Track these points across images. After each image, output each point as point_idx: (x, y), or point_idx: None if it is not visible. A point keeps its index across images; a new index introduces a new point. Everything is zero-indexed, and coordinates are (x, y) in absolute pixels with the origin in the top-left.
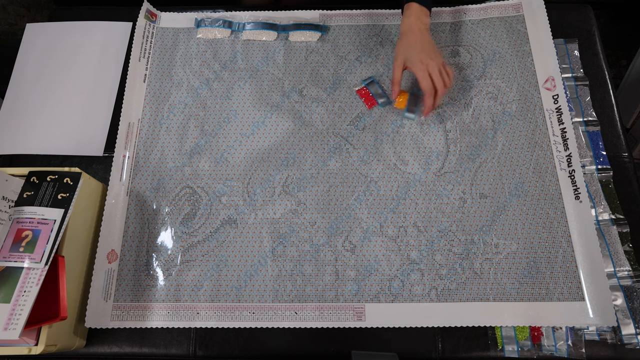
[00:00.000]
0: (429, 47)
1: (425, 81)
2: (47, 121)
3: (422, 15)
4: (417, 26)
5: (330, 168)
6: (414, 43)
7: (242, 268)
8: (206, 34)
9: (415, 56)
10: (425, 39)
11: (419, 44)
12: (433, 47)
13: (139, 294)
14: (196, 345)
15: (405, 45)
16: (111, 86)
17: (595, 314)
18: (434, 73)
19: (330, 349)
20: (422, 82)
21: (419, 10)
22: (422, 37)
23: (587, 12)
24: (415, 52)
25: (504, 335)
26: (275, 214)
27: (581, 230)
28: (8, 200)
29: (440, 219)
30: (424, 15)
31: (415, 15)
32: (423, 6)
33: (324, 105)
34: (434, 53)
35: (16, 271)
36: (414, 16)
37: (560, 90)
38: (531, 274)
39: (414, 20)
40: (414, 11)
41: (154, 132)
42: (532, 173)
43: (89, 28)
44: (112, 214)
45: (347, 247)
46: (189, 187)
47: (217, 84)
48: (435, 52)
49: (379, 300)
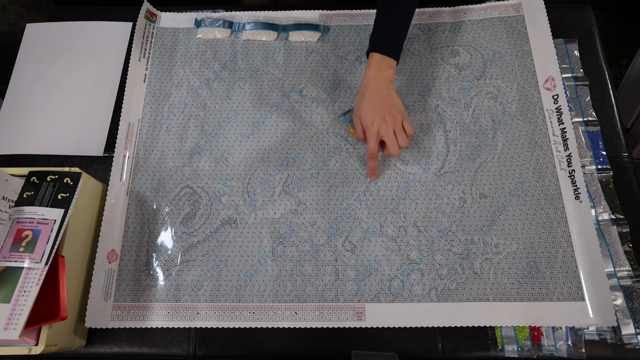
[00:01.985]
0: (386, 104)
1: (370, 145)
2: (47, 121)
3: (383, 67)
4: (376, 80)
5: (330, 168)
6: (369, 101)
7: (242, 268)
8: (206, 34)
9: (368, 117)
10: (383, 96)
11: (372, 103)
12: (391, 106)
13: (139, 294)
14: (196, 345)
15: (361, 104)
16: (111, 86)
17: (595, 314)
18: (386, 136)
19: (330, 349)
20: (368, 147)
21: (381, 61)
22: (379, 93)
23: (587, 12)
24: (369, 111)
25: (504, 335)
26: (275, 214)
27: (581, 230)
28: (8, 200)
29: (440, 219)
30: (387, 67)
31: (375, 66)
32: (387, 56)
33: (324, 105)
34: (391, 111)
35: (16, 271)
36: (373, 68)
37: (560, 90)
38: (531, 274)
39: (373, 72)
40: (375, 62)
41: (154, 132)
42: (532, 173)
43: (89, 28)
44: (112, 214)
45: (347, 247)
46: (189, 187)
47: (217, 84)
48: (392, 110)
49: (379, 300)
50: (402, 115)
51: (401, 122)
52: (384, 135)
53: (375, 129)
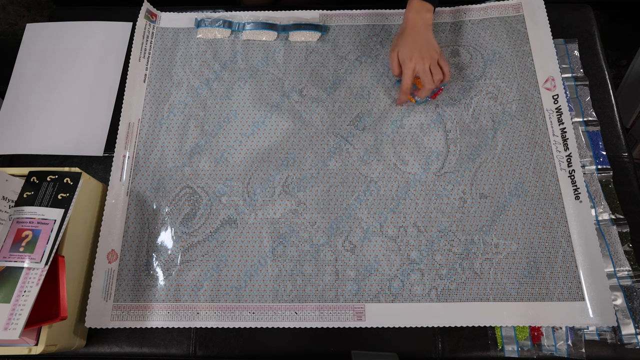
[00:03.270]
0: (423, 44)
1: (405, 79)
2: (47, 121)
3: (422, 11)
4: (415, 22)
5: (330, 168)
6: (407, 39)
7: (242, 268)
8: (206, 34)
9: (406, 53)
10: (421, 35)
11: (411, 41)
12: (427, 44)
13: (139, 294)
14: (196, 345)
15: (399, 41)
16: (111, 86)
17: (595, 314)
18: (422, 71)
19: (330, 349)
20: (403, 81)
21: (420, 5)
22: (417, 33)
23: (587, 12)
24: (407, 49)
25: (504, 335)
26: (275, 214)
27: (581, 230)
28: (8, 200)
29: (440, 219)
30: (425, 11)
31: (415, 10)
32: (426, 1)
33: (324, 105)
34: (427, 51)
35: (16, 271)
36: (414, 11)
37: (560, 90)
38: (531, 274)
39: (413, 15)
40: (415, 6)
41: (154, 132)
42: (532, 173)
43: (89, 28)
44: (112, 214)
45: (347, 247)
46: (189, 187)
47: (217, 84)
48: (429, 49)
49: (379, 300)
50: (438, 54)
51: (437, 60)
52: (420, 70)
53: (413, 65)
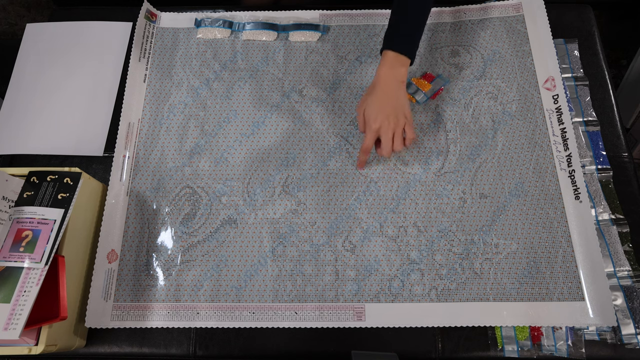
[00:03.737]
0: (392, 105)
1: (366, 140)
2: (47, 121)
3: (396, 65)
4: (386, 78)
5: (330, 168)
6: (375, 97)
7: (242, 268)
8: (206, 34)
9: (372, 113)
10: (391, 94)
11: (378, 99)
12: (396, 105)
13: (139, 294)
14: (196, 345)
15: (367, 98)
16: (111, 86)
17: (595, 314)
18: (384, 136)
19: (330, 349)
20: (365, 140)
21: (395, 59)
22: (387, 91)
23: (587, 12)
24: (373, 108)
25: (504, 335)
26: (275, 214)
27: (581, 230)
28: (8, 200)
29: (440, 219)
30: (399, 65)
31: (388, 64)
32: (401, 54)
33: (324, 105)
34: (395, 112)
35: (16, 271)
36: (387, 66)
37: (560, 90)
38: (531, 274)
39: (386, 70)
40: (388, 60)
41: (154, 132)
42: (532, 173)
43: (89, 28)
44: (112, 214)
45: (347, 247)
46: (189, 187)
47: (217, 84)
48: (397, 111)
49: (379, 300)
50: (406, 119)
51: (403, 126)
52: (383, 135)
53: (377, 127)
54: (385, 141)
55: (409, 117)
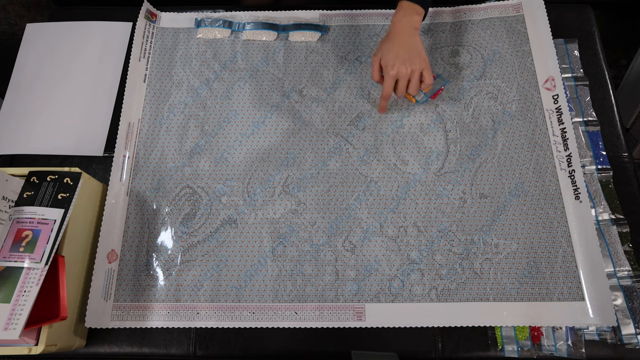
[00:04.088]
0: (408, 50)
1: (386, 87)
2: (47, 121)
3: (411, 14)
4: (401, 25)
5: (330, 168)
6: (391, 44)
7: (242, 268)
8: (206, 34)
9: (389, 60)
10: (406, 40)
11: (395, 46)
12: (413, 50)
13: (139, 294)
14: (196, 345)
15: (383, 46)
16: (111, 86)
17: (595, 314)
18: (400, 81)
19: (330, 349)
20: (384, 89)
21: (409, 7)
22: (403, 38)
23: (587, 12)
24: (390, 54)
25: (504, 335)
26: (275, 214)
27: (581, 230)
28: (8, 200)
29: (440, 219)
30: (414, 14)
31: (402, 12)
32: (416, 4)
33: (324, 105)
34: (412, 57)
35: (16, 271)
36: (401, 13)
37: (560, 90)
38: (531, 274)
39: (400, 18)
40: (403, 8)
41: (154, 132)
42: (532, 173)
43: (89, 28)
44: (112, 214)
45: (347, 247)
46: (189, 187)
47: (217, 84)
48: (414, 56)
49: (379, 300)
50: (423, 64)
51: (420, 71)
52: (400, 80)
53: (394, 73)
54: (401, 86)
55: (425, 61)
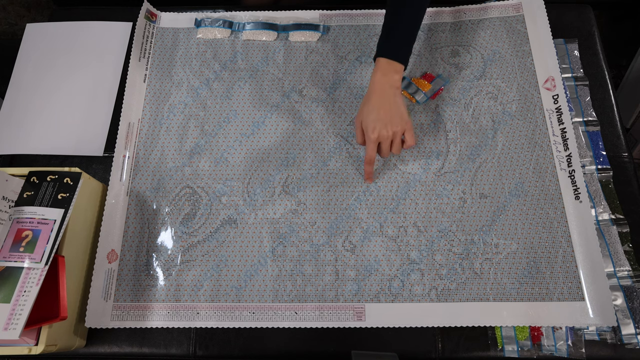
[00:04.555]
0: (389, 111)
1: (368, 151)
2: (47, 121)
3: (390, 73)
4: (381, 86)
5: (330, 168)
6: (371, 106)
7: (242, 268)
8: (206, 34)
9: (370, 123)
10: (386, 101)
11: (375, 108)
12: (394, 112)
13: (139, 294)
14: (196, 345)
15: (364, 108)
16: (111, 86)
17: (595, 314)
18: (383, 143)
19: (330, 349)
20: (366, 153)
21: (387, 66)
22: (382, 99)
23: (587, 12)
24: (372, 117)
25: (504, 335)
26: (275, 214)
27: (581, 230)
28: (8, 200)
29: (440, 219)
30: (393, 72)
31: (381, 71)
32: (394, 61)
33: (324, 105)
34: (392, 119)
35: (16, 271)
36: (379, 73)
37: (560, 90)
38: (531, 274)
39: (379, 78)
40: (381, 67)
41: (154, 132)
42: (532, 173)
43: (89, 28)
44: (112, 214)
45: (347, 247)
46: (189, 187)
47: (217, 84)
48: (394, 117)
49: (379, 300)
50: (405, 125)
51: (402, 132)
52: (382, 143)
53: (375, 136)
54: (385, 148)
55: (407, 122)
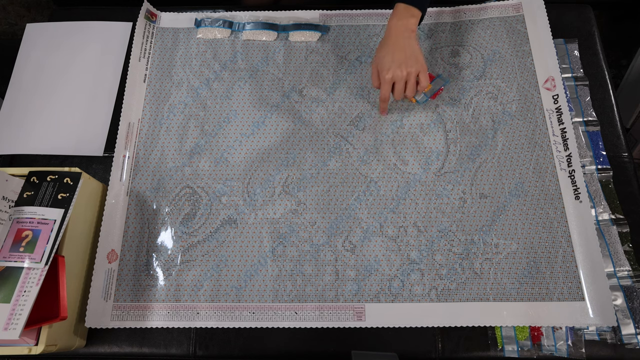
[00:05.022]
0: (403, 52)
1: (382, 91)
2: (47, 121)
3: (406, 17)
4: (397, 29)
5: (330, 168)
6: (387, 49)
7: (242, 268)
8: (206, 34)
9: (385, 63)
10: (401, 43)
11: (390, 50)
12: (408, 53)
13: (139, 294)
14: (196, 345)
15: (379, 51)
16: (111, 86)
17: (595, 314)
18: (397, 84)
19: (330, 349)
20: (381, 91)
21: (404, 10)
22: (398, 41)
23: (587, 12)
24: (387, 58)
25: (504, 335)
26: (275, 214)
27: (581, 230)
28: (8, 200)
29: (440, 219)
30: (410, 16)
31: (398, 16)
32: (411, 6)
33: (324, 105)
34: (407, 60)
35: (16, 271)
36: (396, 17)
37: (560, 90)
38: (531, 274)
39: (396, 22)
40: (398, 11)
41: (154, 132)
42: (532, 173)
43: (89, 28)
44: (112, 214)
45: (347, 247)
46: (189, 187)
47: (217, 84)
48: (409, 59)
49: (379, 300)
50: (419, 67)
51: (416, 74)
52: (396, 83)
53: (390, 76)
54: (398, 89)
55: (422, 64)
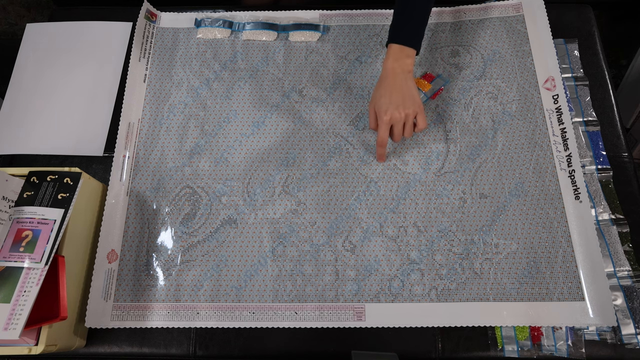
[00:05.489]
0: (401, 94)
1: (380, 133)
2: (47, 121)
3: (401, 58)
4: (394, 71)
5: (330, 168)
6: (384, 90)
7: (242, 268)
8: (206, 34)
9: (383, 105)
10: (398, 84)
11: (388, 92)
12: (406, 95)
13: (139, 294)
14: (196, 345)
15: (376, 92)
16: (111, 86)
17: (595, 314)
18: (395, 126)
19: (330, 349)
20: (378, 135)
21: (399, 51)
22: (395, 82)
23: (587, 12)
24: (384, 100)
25: (504, 335)
26: (275, 214)
27: (581, 230)
28: (8, 200)
29: (440, 219)
30: (405, 57)
31: (393, 57)
32: (405, 46)
33: (324, 105)
34: (405, 102)
35: (16, 271)
36: (392, 59)
37: (560, 90)
38: (531, 274)
39: (392, 63)
40: (393, 53)
41: (154, 132)
42: (532, 173)
43: (89, 28)
44: (112, 214)
45: (347, 247)
46: (189, 187)
47: (217, 84)
48: (407, 100)
49: (379, 300)
50: (417, 108)
51: (414, 115)
52: (395, 125)
53: (388, 119)
54: (397, 131)
55: (419, 105)
